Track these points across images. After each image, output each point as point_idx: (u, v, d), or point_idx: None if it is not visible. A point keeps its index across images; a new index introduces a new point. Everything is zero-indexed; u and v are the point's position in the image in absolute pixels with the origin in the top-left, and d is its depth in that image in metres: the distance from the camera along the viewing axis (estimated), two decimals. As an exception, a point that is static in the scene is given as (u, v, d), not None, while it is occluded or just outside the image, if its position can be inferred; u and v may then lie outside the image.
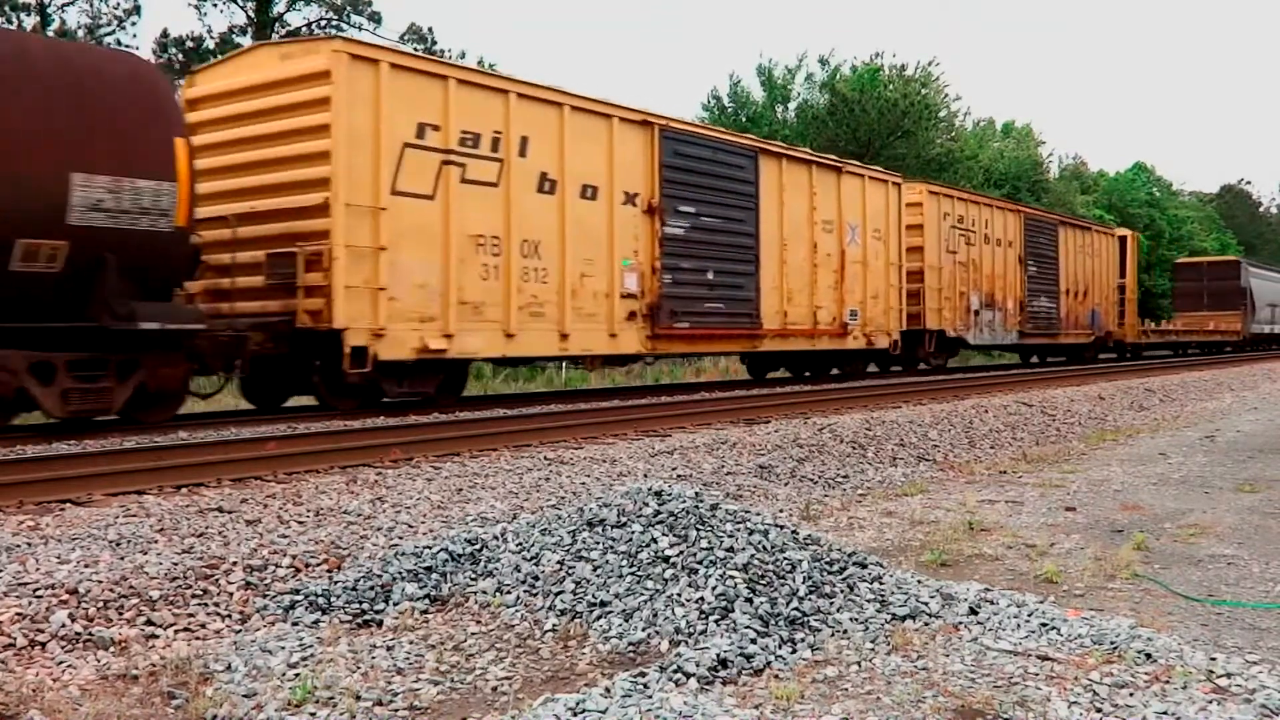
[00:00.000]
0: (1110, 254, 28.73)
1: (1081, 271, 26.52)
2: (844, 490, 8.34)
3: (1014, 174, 44.33)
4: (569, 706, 3.19)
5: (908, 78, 37.03)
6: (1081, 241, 26.69)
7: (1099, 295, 27.56)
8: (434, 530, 5.67)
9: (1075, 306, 26.12)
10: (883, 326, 18.05)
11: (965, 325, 20.97)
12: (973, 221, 21.59)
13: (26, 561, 4.53)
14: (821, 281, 16.54)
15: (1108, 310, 28.22)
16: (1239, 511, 7.02)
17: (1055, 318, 25.09)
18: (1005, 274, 22.66)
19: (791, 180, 15.92)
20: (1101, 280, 27.91)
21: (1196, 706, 3.24)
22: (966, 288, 21.11)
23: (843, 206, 17.09)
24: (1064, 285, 25.51)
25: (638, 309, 13.24)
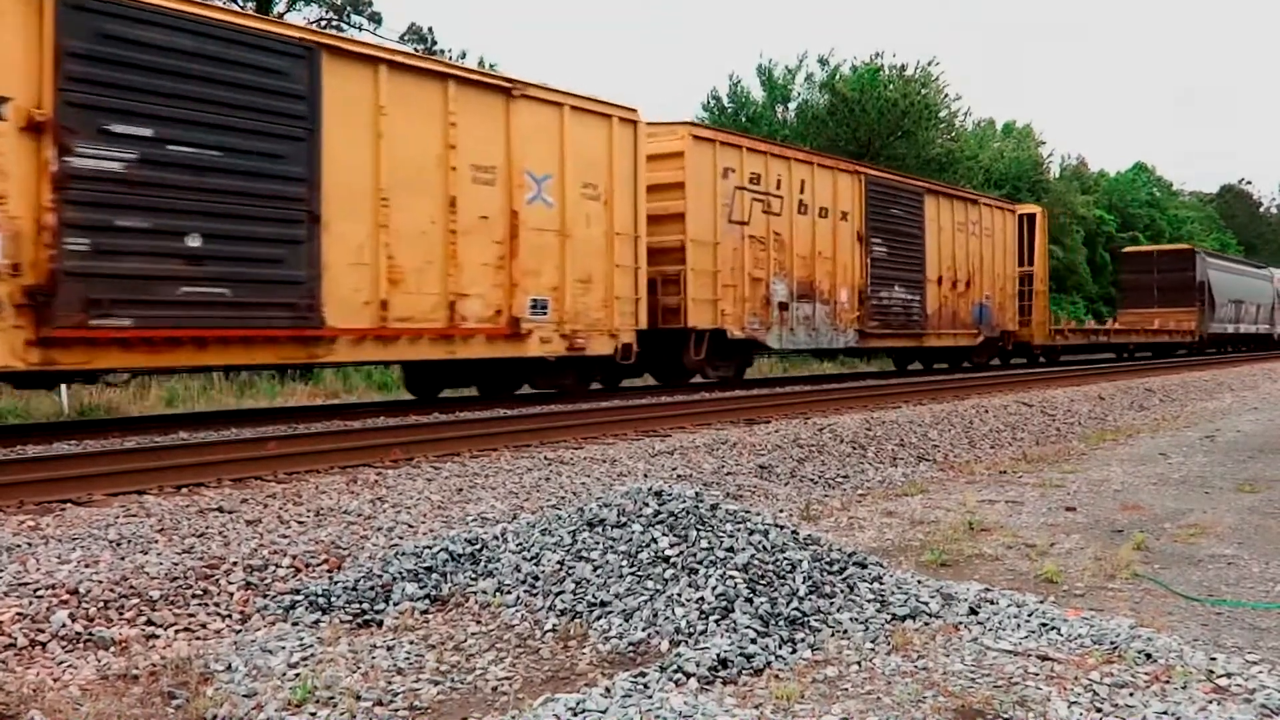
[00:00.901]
0: (1009, 234, 23.22)
1: (963, 255, 20.88)
2: (844, 490, 8.34)
3: (1014, 174, 44.31)
4: (569, 706, 3.20)
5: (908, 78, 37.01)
6: (963, 217, 20.97)
7: (991, 286, 22.08)
8: (434, 530, 5.68)
9: (952, 300, 20.56)
10: (602, 324, 12.64)
11: (763, 323, 15.45)
12: (778, 182, 15.90)
13: (27, 561, 4.53)
14: (470, 257, 11.03)
15: (1004, 305, 22.73)
16: (1239, 511, 7.02)
17: (918, 313, 19.33)
18: (835, 255, 17.04)
19: (401, 100, 10.44)
20: (995, 267, 22.30)
21: (1196, 706, 3.25)
22: (766, 272, 15.49)
23: (516, 147, 11.46)
24: (934, 272, 19.79)
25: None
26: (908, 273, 19.13)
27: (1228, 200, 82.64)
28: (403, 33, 32.79)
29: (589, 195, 12.61)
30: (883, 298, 18.37)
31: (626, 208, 13.12)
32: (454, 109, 10.90)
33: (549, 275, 12.04)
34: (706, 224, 14.55)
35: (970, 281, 21.31)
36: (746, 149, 15.45)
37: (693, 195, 14.35)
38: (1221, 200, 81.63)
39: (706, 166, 14.60)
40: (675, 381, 15.30)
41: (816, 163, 17.16)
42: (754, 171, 15.42)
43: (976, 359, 22.69)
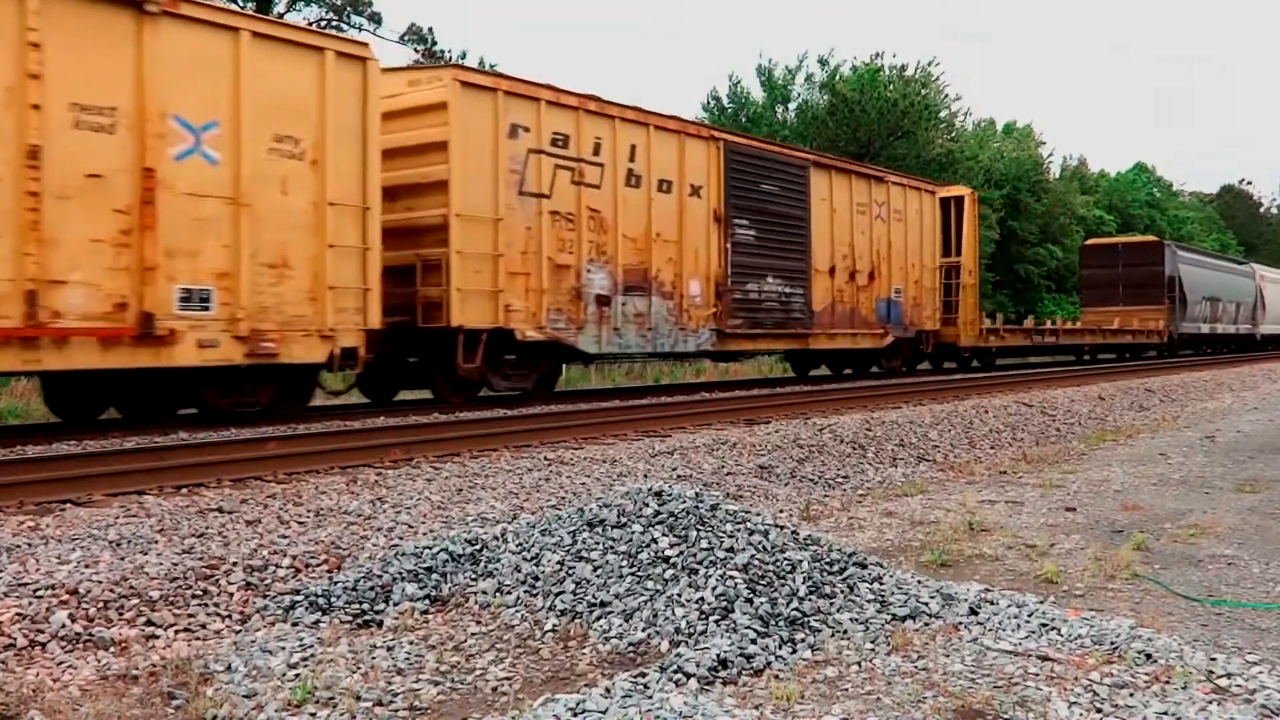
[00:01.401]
0: (928, 220, 20.03)
1: (865, 242, 18.00)
2: (844, 490, 8.34)
3: (1014, 174, 44.33)
4: (569, 707, 3.20)
5: (908, 78, 37.04)
6: (866, 197, 18.00)
7: (904, 278, 19.05)
8: (434, 530, 5.68)
9: (850, 294, 17.64)
10: (307, 322, 9.79)
11: (572, 321, 12.46)
12: (596, 147, 12.80)
13: (27, 562, 4.53)
14: (68, 230, 8.16)
15: (921, 300, 19.66)
16: (1239, 512, 7.02)
17: (801, 310, 16.29)
18: (682, 239, 14.04)
19: None
20: (910, 257, 19.31)
21: (1196, 707, 3.24)
22: (577, 258, 12.51)
23: (155, 82, 8.67)
24: (823, 260, 16.83)
25: None
26: (786, 261, 16.00)
27: (1228, 200, 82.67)
28: (403, 33, 32.82)
29: (285, 152, 9.61)
30: (749, 291, 15.29)
31: (349, 170, 10.08)
32: (36, 24, 7.98)
33: (214, 256, 9.03)
34: (483, 195, 11.56)
35: (875, 273, 18.15)
36: (547, 102, 12.17)
37: (461, 158, 11.37)
38: (1222, 200, 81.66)
39: (483, 122, 11.60)
40: (452, 397, 11.90)
41: (654, 125, 13.78)
42: (559, 132, 12.34)
43: (887, 363, 19.47)
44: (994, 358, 23.61)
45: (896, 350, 19.51)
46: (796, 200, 16.41)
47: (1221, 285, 36.04)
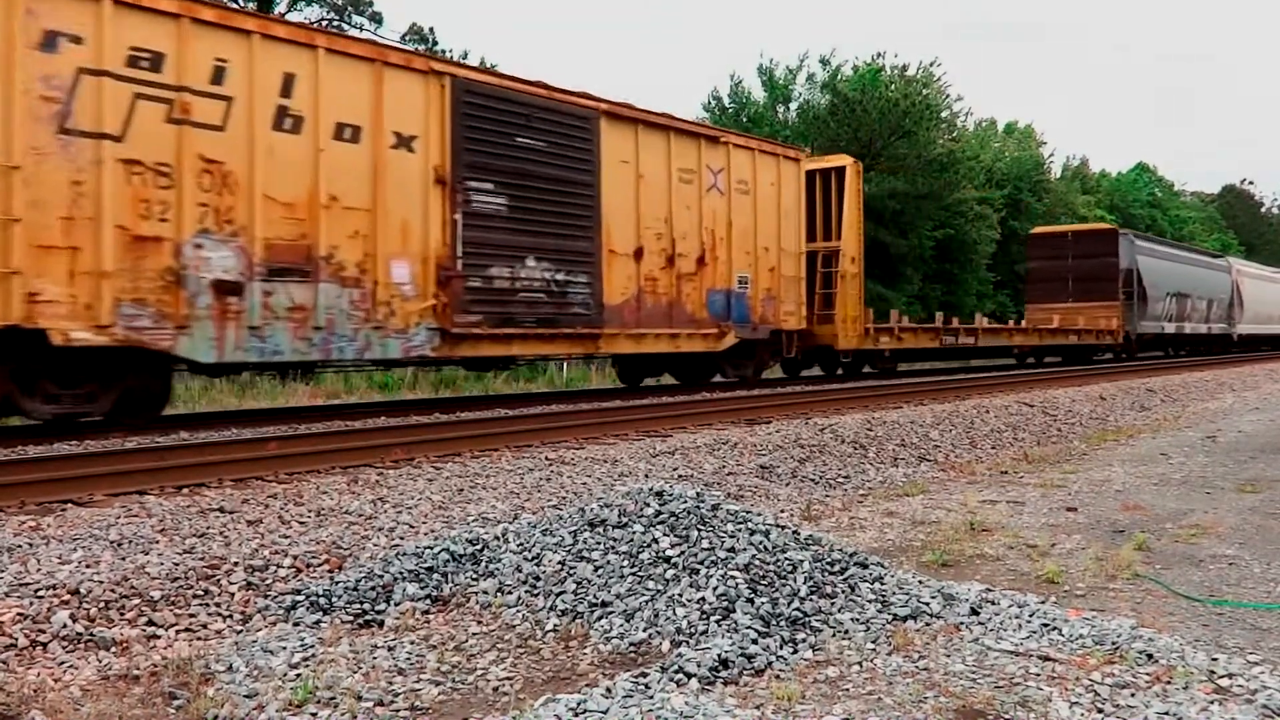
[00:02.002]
0: (790, 194, 16.19)
1: (690, 218, 14.22)
2: (845, 490, 8.34)
3: (1016, 174, 44.33)
4: (570, 707, 3.20)
5: (909, 78, 37.03)
6: (691, 162, 14.23)
7: (751, 265, 15.36)
8: (435, 530, 5.68)
9: (667, 284, 13.89)
10: None
11: (169, 317, 8.91)
12: (215, 72, 9.32)
13: (28, 562, 4.53)
14: None
15: (779, 292, 15.88)
16: (1240, 512, 7.01)
17: (585, 303, 12.66)
18: (378, 206, 10.47)
19: None
20: (762, 239, 15.55)
21: (1198, 707, 3.24)
22: (176, 227, 8.98)
23: None
24: (622, 240, 13.12)
25: None
26: (561, 239, 12.26)
27: (1229, 200, 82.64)
28: (404, 33, 32.82)
29: None
30: (495, 277, 11.61)
31: None
32: None
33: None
34: None
35: (707, 258, 14.36)
36: (117, 2, 8.63)
37: None
38: (1223, 200, 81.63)
39: None
40: None
41: (327, 48, 10.20)
42: (144, 47, 8.80)
43: (735, 370, 15.71)
44: (892, 363, 19.78)
45: (747, 354, 15.76)
46: (577, 161, 12.47)
47: (1191, 280, 32.78)
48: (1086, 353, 27.39)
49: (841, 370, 19.33)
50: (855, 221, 18.04)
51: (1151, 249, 30.79)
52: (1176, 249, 34.90)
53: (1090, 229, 30.37)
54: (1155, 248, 31.58)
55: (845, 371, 19.22)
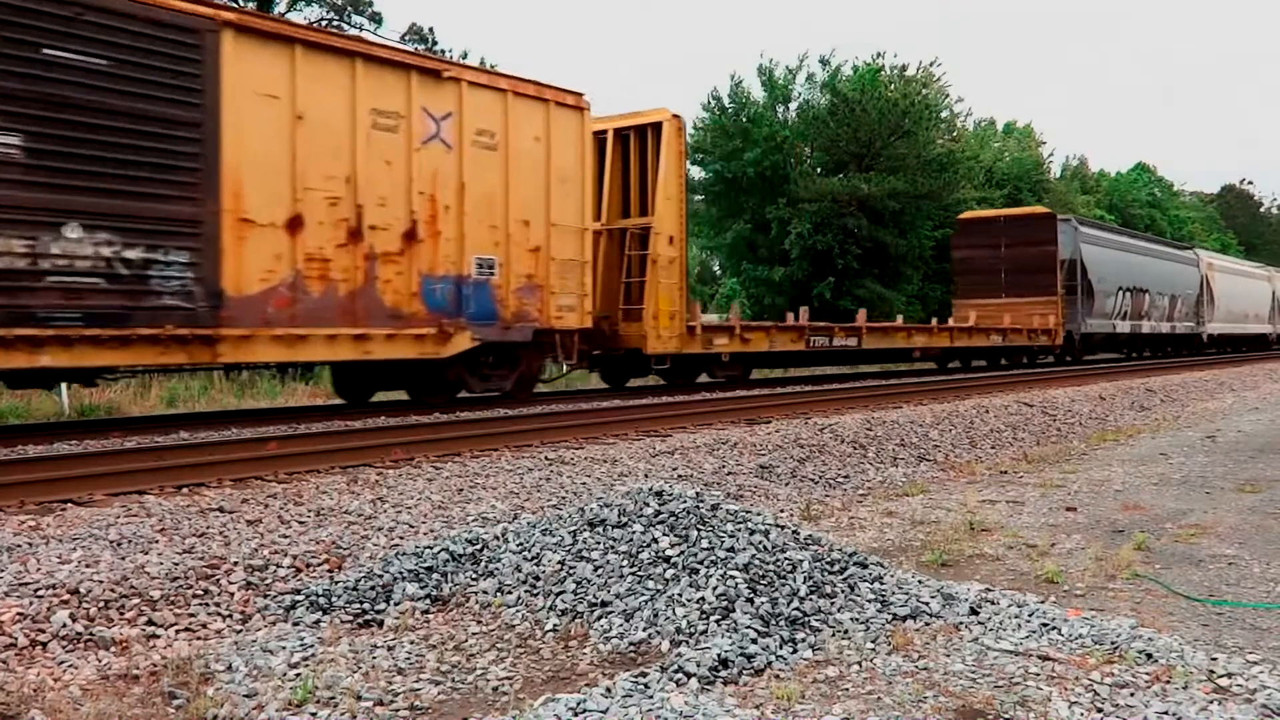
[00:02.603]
0: (569, 153, 12.51)
1: (395, 179, 10.60)
2: (845, 490, 8.34)
3: (1015, 174, 44.31)
4: (570, 706, 3.20)
5: (909, 78, 37.01)
6: (399, 103, 10.67)
7: (500, 244, 11.65)
8: (435, 530, 5.68)
9: (353, 266, 10.22)
10: None
11: None
12: None
13: (28, 561, 4.53)
14: None
15: (547, 281, 12.16)
16: (1240, 512, 7.02)
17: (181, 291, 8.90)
18: None
19: None
20: (518, 209, 11.86)
21: (1197, 707, 3.24)
22: None
23: None
24: (263, 204, 9.55)
25: None
26: (133, 199, 8.63)
27: (1229, 200, 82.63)
28: (404, 33, 32.79)
29: None
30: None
31: None
32: None
33: None
34: None
35: (421, 232, 10.68)
36: None
37: None
38: (1222, 200, 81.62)
39: None
40: None
41: None
42: None
43: (487, 383, 11.95)
44: (738, 370, 16.18)
45: (505, 360, 12.11)
46: (172, 90, 8.91)
47: (1150, 274, 29.10)
48: (1020, 355, 24.23)
49: (659, 380, 15.37)
50: (675, 192, 14.14)
51: (1099, 237, 26.89)
52: (1132, 239, 30.82)
53: (1024, 213, 25.87)
54: (1104, 236, 27.66)
55: (668, 381, 15.16)
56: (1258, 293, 39.80)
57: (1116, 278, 26.83)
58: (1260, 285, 40.40)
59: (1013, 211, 26.87)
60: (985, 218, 26.25)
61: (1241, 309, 37.48)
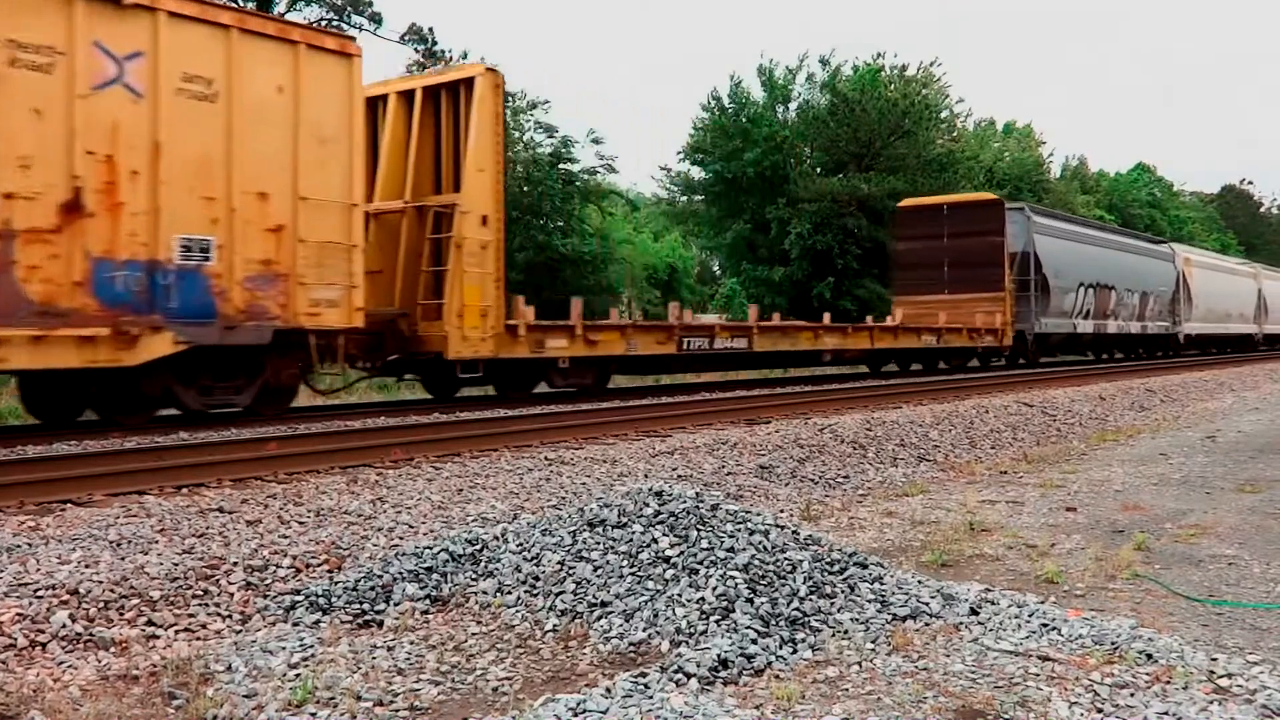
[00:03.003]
0: (325, 110, 10.04)
1: (32, 131, 8.05)
2: (844, 490, 8.34)
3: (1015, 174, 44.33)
4: (570, 707, 3.19)
5: (909, 78, 37.03)
6: (32, 30, 8.02)
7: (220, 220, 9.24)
8: (434, 530, 5.68)
9: None
10: None
11: None
12: None
13: (27, 562, 4.53)
14: None
15: (290, 267, 9.73)
16: (1240, 512, 7.01)
17: None
18: None
19: None
20: (249, 177, 9.42)
21: (1197, 707, 3.24)
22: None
23: None
24: None
25: None
26: None
27: (1229, 200, 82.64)
28: (403, 33, 32.78)
29: None
30: None
31: None
32: None
33: None
34: None
35: (91, 202, 8.38)
36: None
37: None
38: (1222, 200, 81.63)
39: None
40: None
41: None
42: None
43: (207, 398, 9.57)
44: (590, 377, 13.61)
45: (230, 368, 9.70)
46: None
47: (1117, 269, 26.56)
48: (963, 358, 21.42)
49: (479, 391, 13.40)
50: (490, 163, 11.78)
51: (1056, 228, 24.47)
52: (1096, 230, 28.14)
53: (968, 200, 22.95)
54: (1061, 226, 25.17)
55: (498, 393, 13.37)
56: (1241, 291, 37.42)
57: (1077, 273, 24.36)
58: (1244, 283, 38.08)
59: (957, 198, 23.75)
60: (927, 206, 23.36)
61: (1223, 308, 34.99)
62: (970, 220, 21.87)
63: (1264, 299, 39.29)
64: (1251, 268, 40.47)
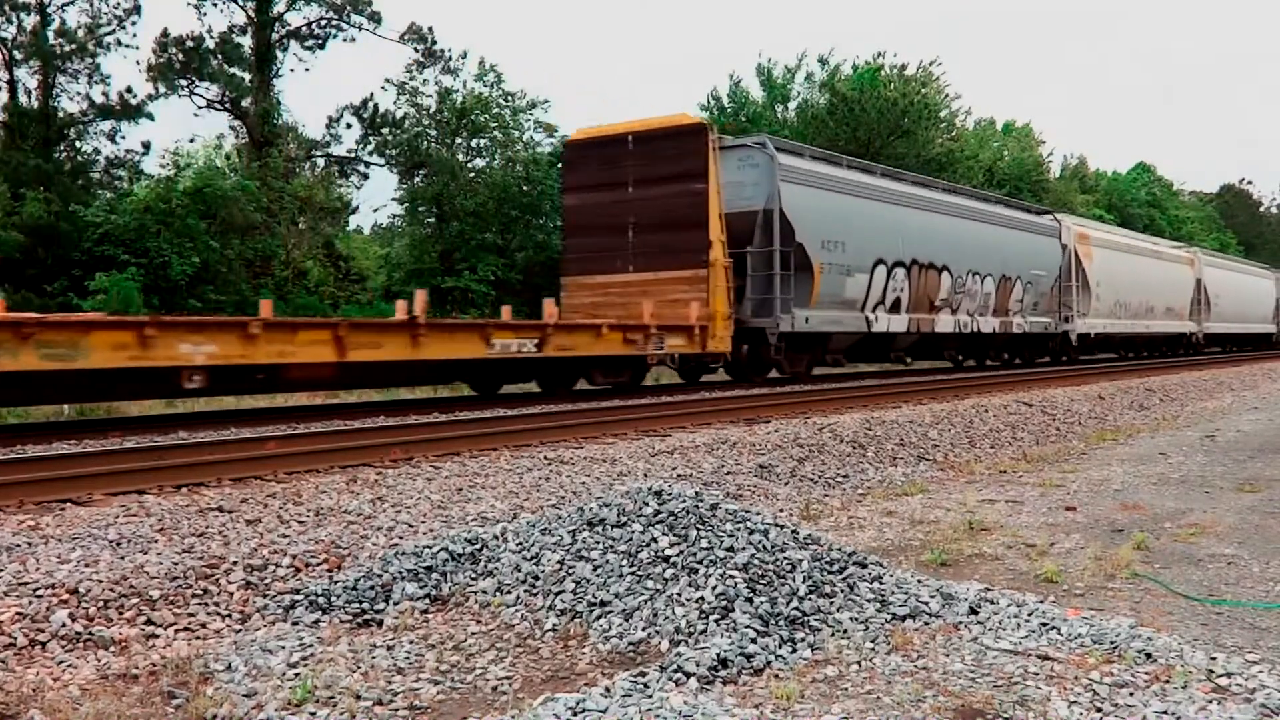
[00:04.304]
0: None
1: None
2: (844, 490, 8.34)
3: (1015, 174, 44.32)
4: (569, 706, 3.20)
5: (908, 77, 37.03)
6: None
7: None
8: (434, 530, 5.68)
9: None
10: None
11: None
12: None
13: (27, 561, 4.53)
14: None
15: None
16: (1239, 511, 7.02)
17: None
18: None
19: None
20: None
21: (1196, 706, 3.24)
22: None
23: None
24: None
25: None
26: None
27: (1228, 200, 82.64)
28: (402, 32, 32.77)
29: None
30: None
31: None
32: None
33: None
34: None
35: None
36: None
37: None
38: (1222, 200, 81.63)
39: None
40: None
41: None
42: None
43: None
44: None
45: None
46: None
47: (952, 243, 19.01)
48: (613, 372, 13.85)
49: None
50: None
51: (822, 177, 16.11)
52: (910, 187, 19.05)
53: (660, 127, 14.92)
54: (830, 175, 16.50)
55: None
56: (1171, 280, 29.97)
57: (868, 244, 16.69)
58: (1175, 270, 30.53)
59: (645, 124, 15.10)
60: (606, 138, 15.26)
61: (1141, 300, 27.61)
62: (663, 159, 14.51)
63: (1205, 291, 32.53)
64: (1189, 252, 33.40)
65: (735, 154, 15.60)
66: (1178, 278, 30.84)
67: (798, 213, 15.38)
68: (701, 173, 14.39)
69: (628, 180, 15.11)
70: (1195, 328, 32.06)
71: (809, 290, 15.73)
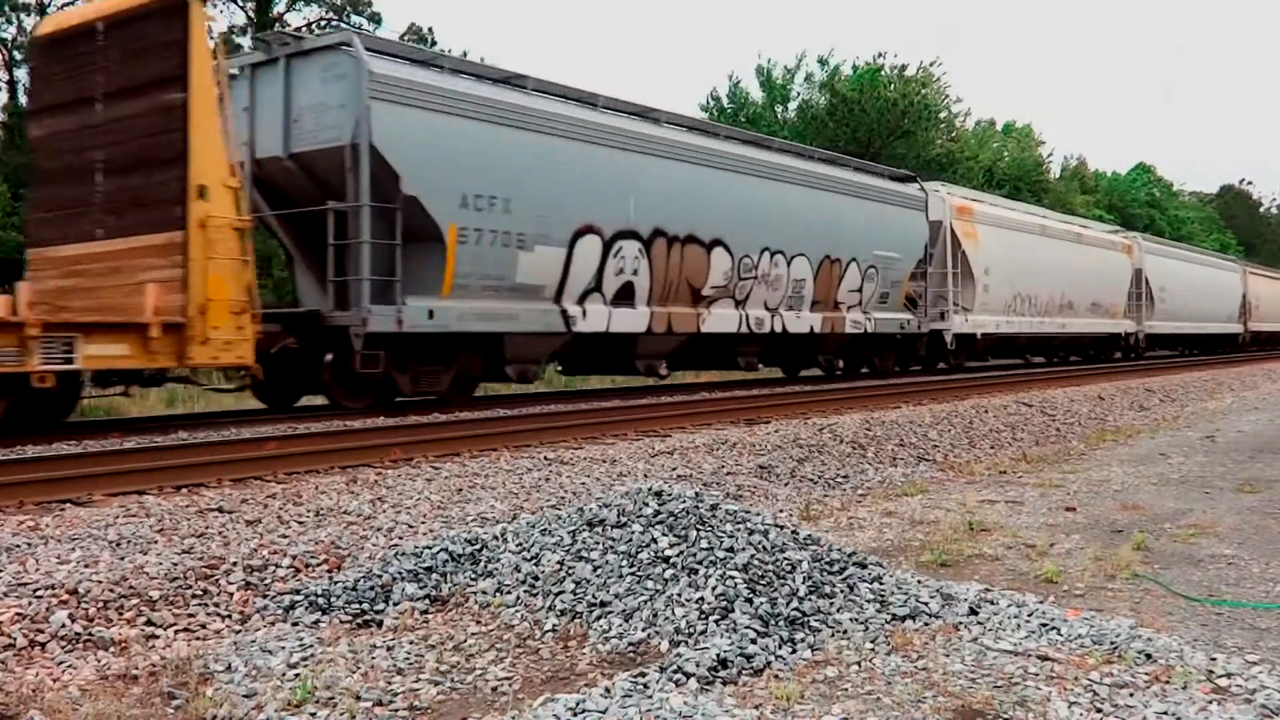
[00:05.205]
0: None
1: None
2: (844, 490, 8.34)
3: (1015, 174, 44.33)
4: (569, 706, 3.19)
5: (908, 78, 37.05)
6: None
7: None
8: (434, 530, 5.67)
9: None
10: None
11: None
12: None
13: (26, 562, 4.53)
14: None
15: None
16: (1239, 512, 7.02)
17: None
18: None
19: None
20: None
21: (1196, 707, 3.24)
22: None
23: None
24: None
25: None
26: None
27: (1228, 200, 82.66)
28: (403, 32, 32.79)
29: None
30: None
31: None
32: None
33: None
34: None
35: None
36: None
37: None
38: (1221, 200, 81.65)
39: None
40: None
41: None
42: None
43: None
44: None
45: None
46: None
47: (717, 203, 14.07)
48: None
49: None
50: None
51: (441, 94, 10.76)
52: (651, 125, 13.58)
53: (139, 4, 9.21)
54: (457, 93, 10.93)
55: None
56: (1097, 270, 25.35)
57: (563, 203, 11.89)
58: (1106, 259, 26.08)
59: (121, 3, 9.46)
60: (75, 30, 9.90)
61: (1056, 293, 23.20)
62: (136, 57, 9.35)
63: (1147, 283, 28.12)
64: (1126, 238, 28.87)
65: (318, 61, 10.64)
66: (1107, 267, 26.00)
67: (406, 149, 10.36)
68: (178, 76, 8.93)
69: (95, 94, 9.64)
70: (1134, 327, 27.70)
71: (438, 270, 10.73)
